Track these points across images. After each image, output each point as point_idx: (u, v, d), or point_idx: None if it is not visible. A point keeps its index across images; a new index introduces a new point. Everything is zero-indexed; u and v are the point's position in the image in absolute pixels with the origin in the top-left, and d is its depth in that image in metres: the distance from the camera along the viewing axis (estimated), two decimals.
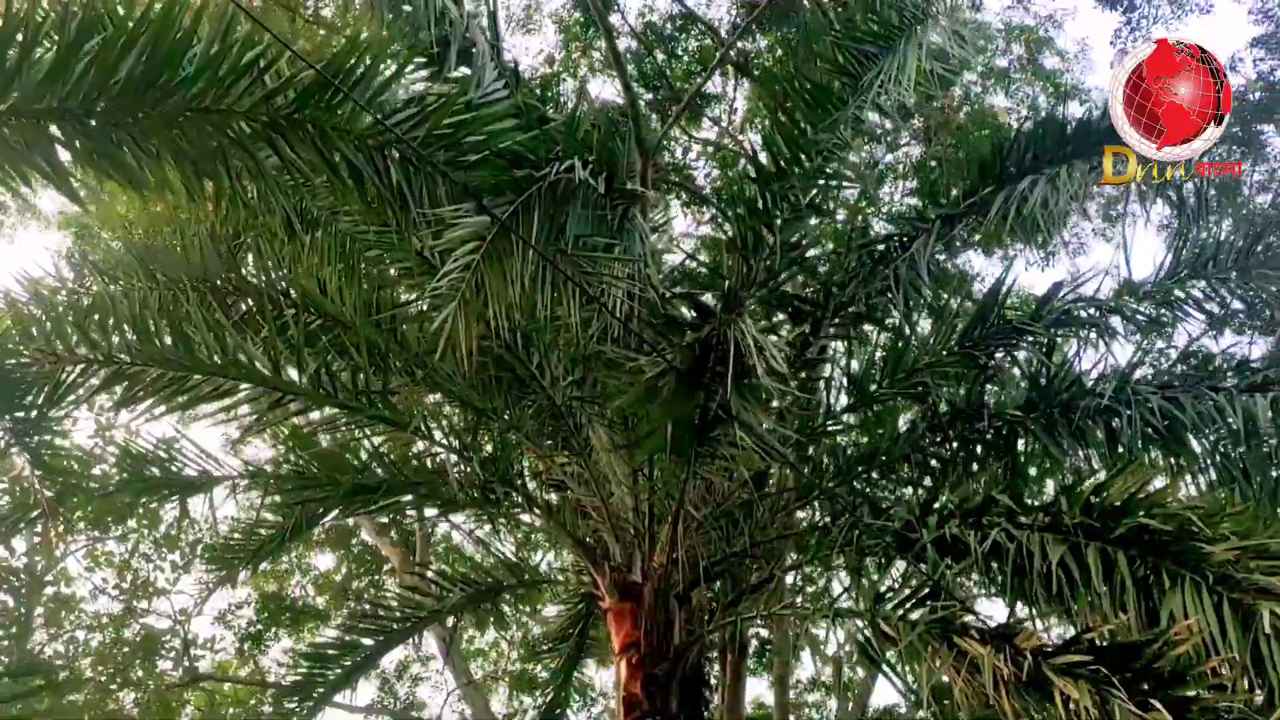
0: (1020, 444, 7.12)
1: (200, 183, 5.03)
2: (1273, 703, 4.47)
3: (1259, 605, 4.63)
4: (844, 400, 7.56)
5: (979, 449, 7.24)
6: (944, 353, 7.51)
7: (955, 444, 7.23)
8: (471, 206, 4.23)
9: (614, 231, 5.05)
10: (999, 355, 7.62)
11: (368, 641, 9.48)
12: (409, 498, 8.40)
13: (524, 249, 4.22)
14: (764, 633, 14.22)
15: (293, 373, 7.24)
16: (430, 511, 9.35)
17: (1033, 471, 6.99)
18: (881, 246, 7.01)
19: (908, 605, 5.73)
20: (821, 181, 6.97)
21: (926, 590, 5.67)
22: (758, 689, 16.75)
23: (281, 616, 17.39)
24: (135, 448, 8.24)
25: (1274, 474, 6.70)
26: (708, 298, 6.53)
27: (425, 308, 7.18)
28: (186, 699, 16.71)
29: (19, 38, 4.00)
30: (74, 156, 4.65)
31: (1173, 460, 6.63)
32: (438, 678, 18.15)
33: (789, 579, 9.85)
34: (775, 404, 6.57)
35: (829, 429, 7.44)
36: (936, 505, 6.04)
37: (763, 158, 7.05)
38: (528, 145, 4.63)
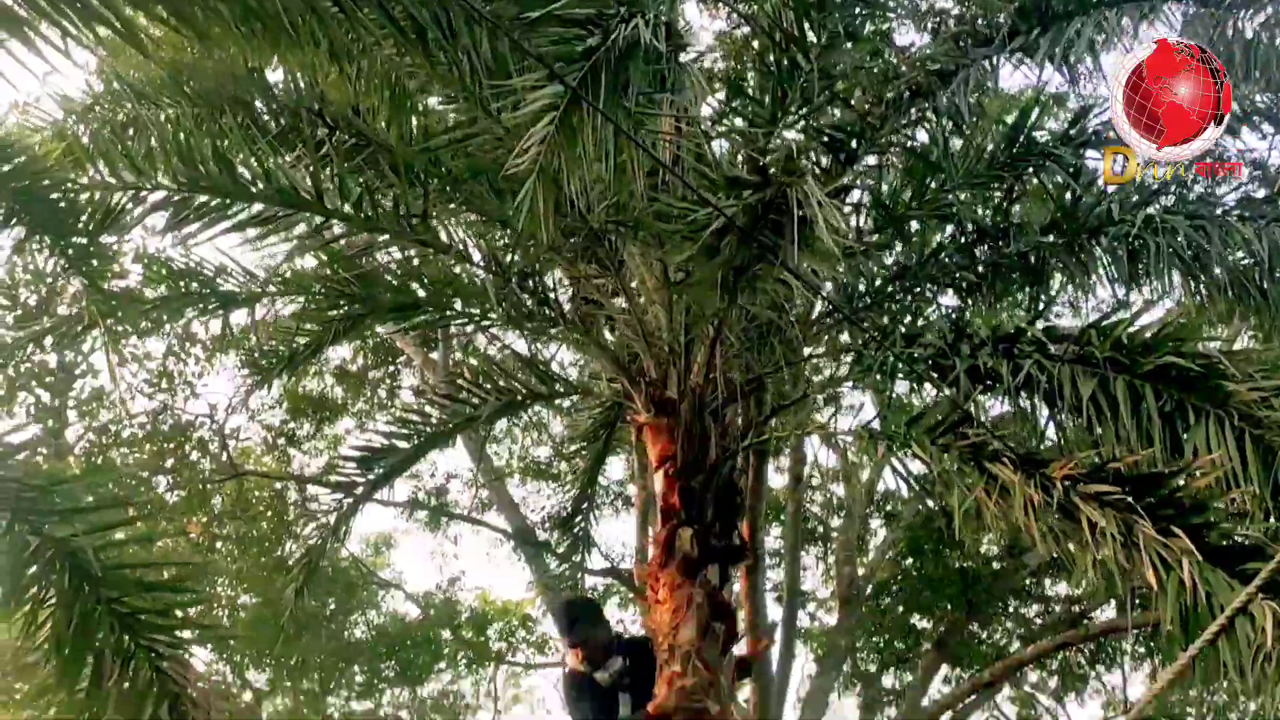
0: (1047, 268, 7.33)
1: (251, 24, 5.10)
2: None
3: None
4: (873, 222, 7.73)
5: (1007, 272, 7.46)
6: (972, 173, 7.61)
7: (983, 267, 7.44)
8: (542, 75, 4.30)
9: (669, 82, 5.12)
10: (1027, 176, 7.73)
11: (404, 445, 9.83)
12: (447, 314, 8.64)
13: (594, 114, 4.32)
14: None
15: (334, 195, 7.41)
16: (468, 327, 9.52)
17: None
18: (921, 79, 7.04)
19: (939, 430, 6.04)
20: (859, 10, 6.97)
21: (958, 417, 5.97)
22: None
23: (306, 408, 17.90)
24: (177, 264, 8.45)
25: None
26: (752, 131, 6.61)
27: (462, 135, 7.27)
28: (219, 491, 17.23)
29: None
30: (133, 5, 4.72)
31: (1196, 286, 6.86)
32: (466, 474, 18.79)
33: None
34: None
35: (859, 251, 7.60)
36: (968, 333, 6.27)
37: None
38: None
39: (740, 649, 7.40)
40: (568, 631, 7.06)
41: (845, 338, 7.86)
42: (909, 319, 7.36)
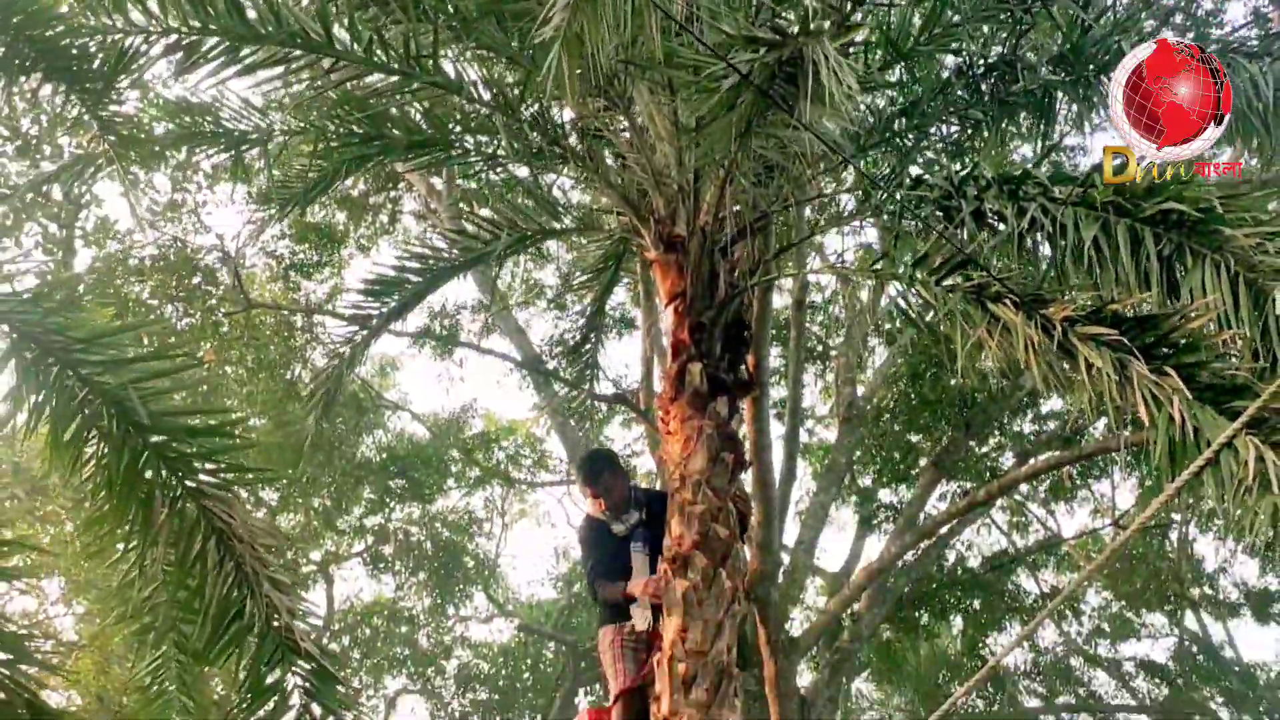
0: (1054, 104, 7.41)
1: None
2: (1275, 372, 5.05)
3: (1273, 286, 5.13)
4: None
5: (1014, 107, 7.54)
6: (980, 6, 7.62)
7: (990, 102, 7.51)
8: None
9: None
10: (1037, 10, 7.73)
11: (416, 279, 10.00)
12: (456, 152, 8.73)
13: None
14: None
15: (344, 36, 7.45)
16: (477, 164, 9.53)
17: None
18: None
19: (944, 270, 6.23)
20: None
21: (962, 259, 6.15)
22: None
23: (310, 236, 18.02)
24: (187, 103, 8.53)
25: None
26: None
27: None
28: (228, 318, 17.39)
29: None
30: None
31: None
32: (473, 302, 19.00)
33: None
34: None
35: (867, 87, 7.64)
36: (974, 174, 6.39)
37: None
38: None
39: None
40: (589, 482, 7.37)
41: (853, 177, 7.95)
42: (916, 157, 7.46)
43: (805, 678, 15.01)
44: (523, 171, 11.01)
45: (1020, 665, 21.84)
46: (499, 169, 9.44)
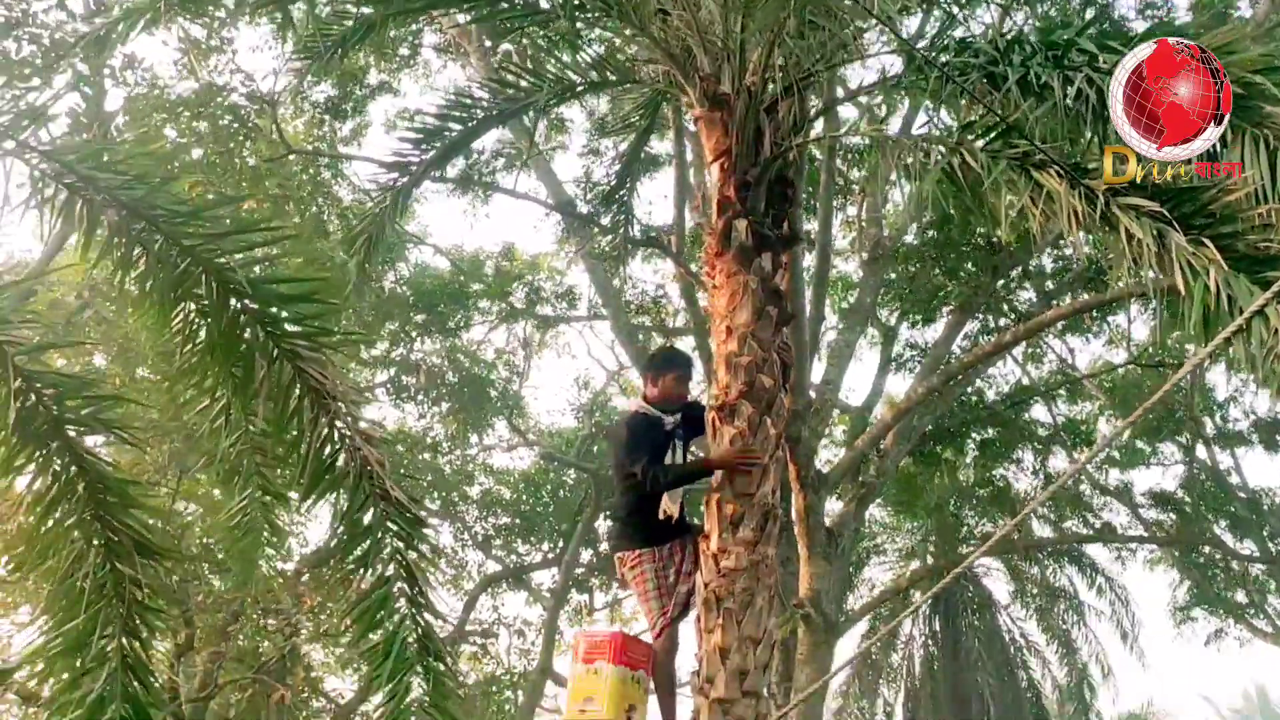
0: None
1: None
2: None
3: None
4: None
5: None
6: None
7: None
8: None
9: None
10: None
11: (457, 127, 10.15)
12: (503, 7, 8.84)
13: None
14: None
15: None
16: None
17: None
18: None
19: (989, 138, 6.45)
20: None
21: (1006, 127, 6.36)
22: None
23: (337, 76, 18.04)
24: None
25: None
26: None
27: None
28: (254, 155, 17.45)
29: None
30: None
31: None
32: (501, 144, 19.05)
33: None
34: None
35: None
36: (1019, 41, 6.55)
37: None
38: None
39: None
40: (664, 371, 7.65)
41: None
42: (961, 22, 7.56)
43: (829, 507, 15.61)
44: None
45: (1032, 494, 22.48)
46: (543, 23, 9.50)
